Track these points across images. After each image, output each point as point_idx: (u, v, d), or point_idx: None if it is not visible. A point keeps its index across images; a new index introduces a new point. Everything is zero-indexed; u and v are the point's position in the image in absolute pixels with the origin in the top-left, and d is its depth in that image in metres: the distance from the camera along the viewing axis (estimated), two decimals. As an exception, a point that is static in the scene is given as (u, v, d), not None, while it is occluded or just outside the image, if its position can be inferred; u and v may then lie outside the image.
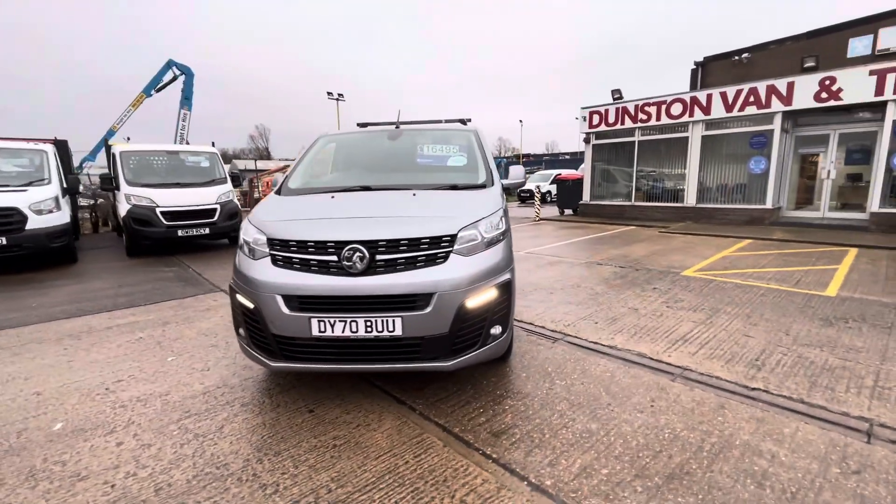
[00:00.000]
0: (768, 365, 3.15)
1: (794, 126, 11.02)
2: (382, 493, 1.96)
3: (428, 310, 2.43)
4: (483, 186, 3.26)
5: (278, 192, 3.40)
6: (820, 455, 2.15)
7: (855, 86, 9.39)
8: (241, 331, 2.75)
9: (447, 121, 4.58)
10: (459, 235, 2.58)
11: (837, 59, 13.94)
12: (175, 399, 2.84)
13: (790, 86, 10.21)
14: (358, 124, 5.08)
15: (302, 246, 2.56)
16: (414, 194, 3.03)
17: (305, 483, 2.03)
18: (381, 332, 2.43)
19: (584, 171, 14.73)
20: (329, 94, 22.87)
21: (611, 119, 13.60)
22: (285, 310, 2.47)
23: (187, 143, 17.50)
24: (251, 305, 2.58)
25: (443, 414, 2.60)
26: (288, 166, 23.92)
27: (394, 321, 2.43)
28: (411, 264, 2.50)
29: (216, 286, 5.82)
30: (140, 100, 21.22)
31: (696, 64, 21.16)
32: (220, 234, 8.76)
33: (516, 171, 3.72)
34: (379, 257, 2.48)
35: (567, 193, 15.39)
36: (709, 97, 11.50)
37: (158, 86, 21.20)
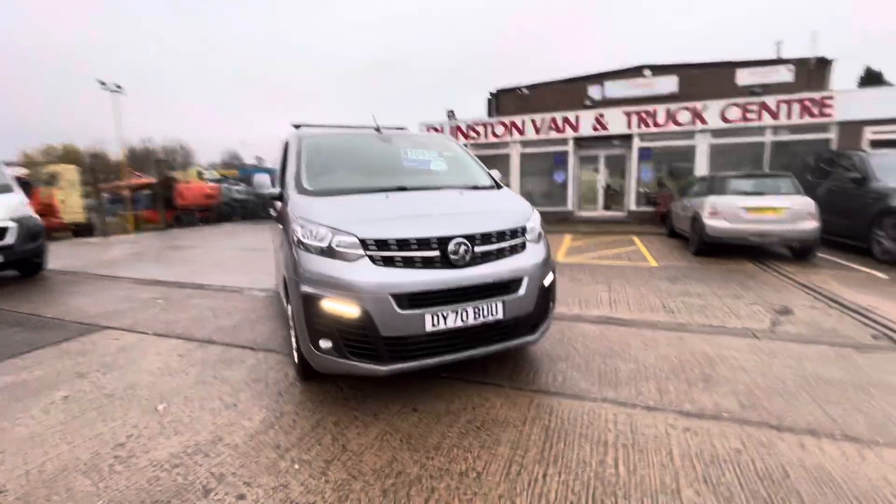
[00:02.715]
0: (674, 310, 4.57)
1: (579, 148, 14.69)
2: (563, 443, 2.27)
3: (521, 292, 2.78)
4: (499, 187, 3.70)
5: (300, 193, 3.07)
6: (750, 350, 3.45)
7: (615, 121, 13.27)
8: (325, 343, 2.51)
9: (386, 128, 4.76)
10: (528, 227, 3.01)
11: (582, 100, 19.13)
12: (239, 441, 2.35)
13: (577, 118, 13.65)
14: (293, 125, 4.76)
15: (404, 244, 2.56)
16: (461, 193, 3.27)
17: (496, 460, 2.16)
18: (487, 317, 2.66)
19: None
20: (102, 83, 17.91)
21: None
22: (398, 309, 2.45)
23: None
24: (355, 311, 2.42)
25: (528, 383, 2.97)
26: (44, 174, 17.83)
27: (496, 305, 2.69)
28: (502, 253, 2.80)
29: (92, 324, 4.38)
30: None
31: (491, 94, 25.24)
32: (19, 261, 6.32)
33: None
34: (477, 249, 2.70)
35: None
36: (523, 122, 14.27)
37: None
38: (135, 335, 4.07)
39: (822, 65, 18.30)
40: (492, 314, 2.67)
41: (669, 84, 19.71)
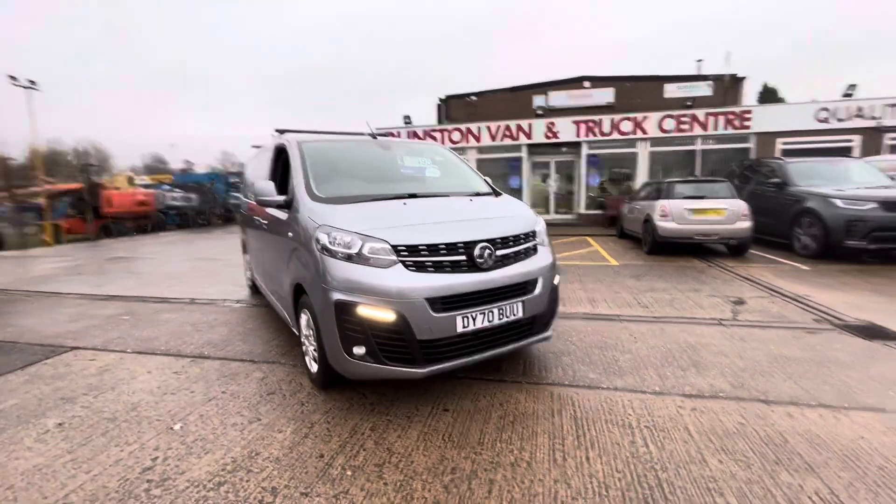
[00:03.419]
0: (647, 304, 4.99)
1: (531, 154, 15.34)
2: (594, 429, 2.46)
3: (536, 292, 2.97)
4: (499, 193, 3.86)
5: (315, 201, 3.04)
6: (723, 337, 3.88)
7: (565, 130, 14.04)
8: (359, 349, 2.53)
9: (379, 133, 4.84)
10: (537, 231, 3.20)
11: (528, 109, 20.20)
12: (278, 453, 2.30)
13: (530, 125, 14.27)
14: (277, 130, 4.71)
15: (433, 249, 2.64)
16: (471, 200, 3.39)
17: (539, 449, 2.30)
18: (509, 317, 2.81)
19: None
20: (13, 79, 15.88)
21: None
22: (432, 313, 2.53)
23: None
24: (391, 317, 2.47)
25: (543, 380, 3.14)
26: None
27: (517, 306, 2.85)
28: (519, 256, 2.96)
29: (56, 345, 3.97)
30: None
31: (441, 99, 25.66)
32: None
33: None
34: (498, 252, 2.84)
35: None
36: (479, 129, 14.66)
37: None
38: (112, 354, 3.76)
39: (736, 81, 20.48)
40: (513, 314, 2.83)
41: (606, 95, 21.12)
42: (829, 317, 4.39)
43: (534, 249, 3.10)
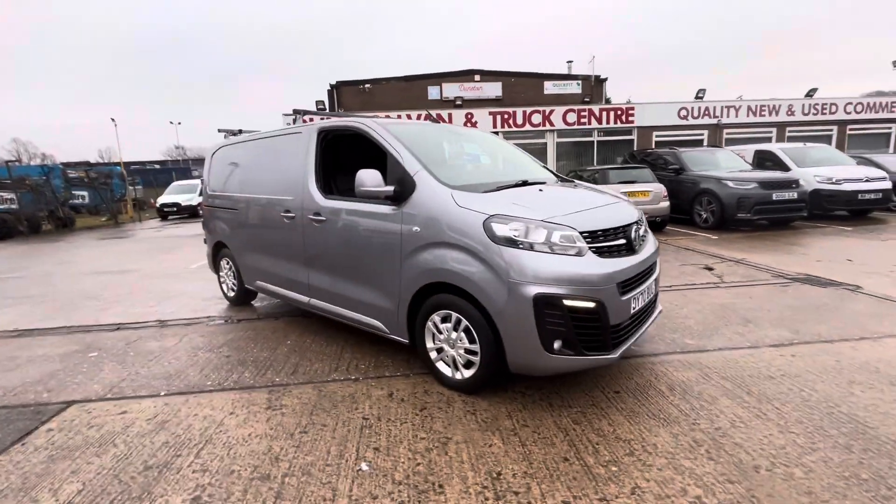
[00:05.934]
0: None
1: (448, 144, 15.60)
2: (753, 385, 2.77)
3: (657, 270, 3.18)
4: (569, 179, 3.94)
5: (454, 189, 2.73)
6: (734, 296, 4.61)
7: (483, 121, 14.59)
8: (557, 343, 2.42)
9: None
10: (642, 216, 3.40)
11: (422, 99, 20.66)
12: (521, 468, 2.09)
13: (450, 116, 14.45)
14: (295, 111, 4.17)
15: (606, 234, 2.64)
16: (575, 186, 3.41)
17: (732, 409, 2.51)
18: (650, 294, 2.98)
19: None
20: None
21: (313, 128, 14.15)
22: (620, 297, 2.55)
23: None
24: (590, 305, 2.43)
25: (656, 352, 3.37)
26: None
27: (653, 284, 3.04)
28: (647, 238, 3.13)
29: (34, 403, 2.82)
30: None
31: (332, 86, 24.35)
32: None
33: None
34: (640, 234, 2.97)
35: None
36: (398, 117, 14.32)
37: None
38: (143, 402, 2.85)
39: (599, 81, 23.59)
40: (651, 292, 2.99)
41: (495, 89, 22.50)
42: (778, 273, 5.53)
43: (647, 231, 3.29)
